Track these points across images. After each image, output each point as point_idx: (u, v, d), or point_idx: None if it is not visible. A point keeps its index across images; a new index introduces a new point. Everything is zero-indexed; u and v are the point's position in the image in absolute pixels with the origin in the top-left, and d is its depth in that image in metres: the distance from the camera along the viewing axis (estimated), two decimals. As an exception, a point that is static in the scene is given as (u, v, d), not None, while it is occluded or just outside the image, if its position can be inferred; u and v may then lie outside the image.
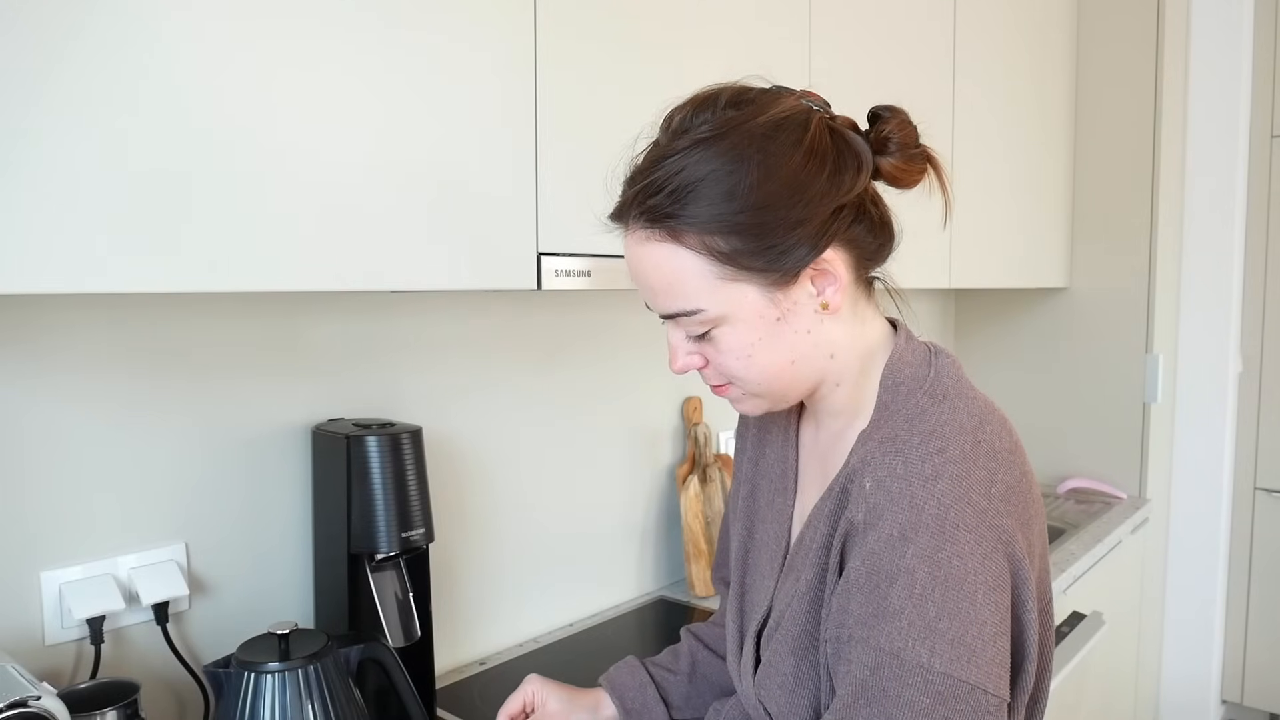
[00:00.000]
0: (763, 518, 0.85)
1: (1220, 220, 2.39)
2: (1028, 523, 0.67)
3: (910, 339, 0.77)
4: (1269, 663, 2.56)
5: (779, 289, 0.68)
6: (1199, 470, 2.46)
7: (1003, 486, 0.65)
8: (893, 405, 0.72)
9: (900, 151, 0.71)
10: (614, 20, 1.07)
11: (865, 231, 0.71)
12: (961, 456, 0.65)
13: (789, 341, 0.70)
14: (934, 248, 1.78)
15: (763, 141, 0.66)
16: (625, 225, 0.71)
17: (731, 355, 0.71)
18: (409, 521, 1.06)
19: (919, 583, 0.62)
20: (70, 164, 0.65)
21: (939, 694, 0.60)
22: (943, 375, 0.73)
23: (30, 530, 0.93)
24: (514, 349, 1.41)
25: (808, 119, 0.68)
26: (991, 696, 0.61)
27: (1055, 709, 1.63)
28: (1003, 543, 0.64)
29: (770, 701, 0.75)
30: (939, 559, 0.62)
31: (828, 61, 1.43)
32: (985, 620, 0.62)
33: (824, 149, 0.67)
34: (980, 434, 0.67)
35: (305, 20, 0.78)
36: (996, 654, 0.62)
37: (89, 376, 0.96)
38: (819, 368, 0.73)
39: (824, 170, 0.67)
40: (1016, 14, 2.04)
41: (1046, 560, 0.72)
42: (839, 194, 0.68)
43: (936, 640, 0.61)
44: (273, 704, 0.87)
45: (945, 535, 0.62)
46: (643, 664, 0.97)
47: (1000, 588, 0.63)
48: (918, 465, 0.65)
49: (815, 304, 0.70)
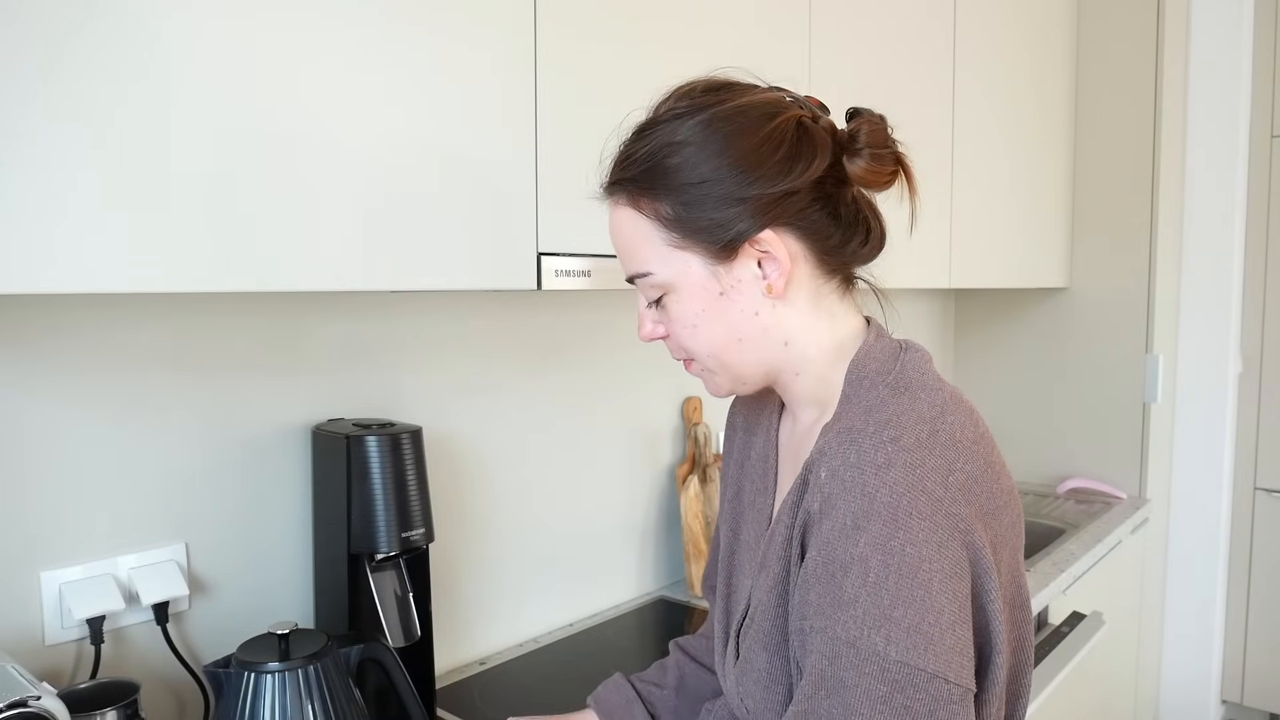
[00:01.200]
0: (746, 518, 0.85)
1: (1220, 220, 2.39)
2: (993, 513, 0.67)
3: (881, 335, 0.78)
4: (1269, 663, 2.56)
5: (720, 263, 0.72)
6: (1199, 470, 2.46)
7: (963, 475, 0.65)
8: (854, 397, 0.72)
9: (868, 150, 0.72)
10: (614, 21, 1.07)
11: (824, 222, 0.73)
12: (916, 445, 0.65)
13: (733, 319, 0.74)
14: (934, 248, 1.78)
15: (724, 123, 0.70)
16: (607, 197, 0.77)
17: (679, 324, 0.75)
18: (409, 521, 1.06)
19: (872, 571, 0.62)
20: (70, 164, 0.65)
21: (896, 682, 0.60)
22: (907, 368, 0.73)
23: (30, 530, 0.93)
24: (514, 349, 1.41)
25: (777, 110, 0.72)
26: (953, 685, 0.61)
27: (1055, 709, 1.63)
28: (960, 531, 0.63)
29: (749, 698, 0.75)
30: (891, 546, 0.62)
31: (828, 61, 1.43)
32: (942, 608, 0.61)
33: (782, 137, 0.70)
34: (939, 424, 0.67)
35: (305, 15, 0.78)
36: (956, 642, 0.62)
37: (89, 376, 0.96)
38: (772, 354, 0.75)
39: (776, 154, 0.70)
40: (1016, 14, 2.04)
41: (1019, 555, 0.71)
42: (788, 178, 0.70)
43: (892, 628, 0.61)
44: (273, 704, 0.87)
45: (898, 523, 0.62)
46: (630, 681, 0.98)
47: (958, 576, 0.63)
48: (870, 454, 0.65)
49: (761, 286, 0.73)
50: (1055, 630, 1.77)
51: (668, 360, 1.69)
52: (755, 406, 0.90)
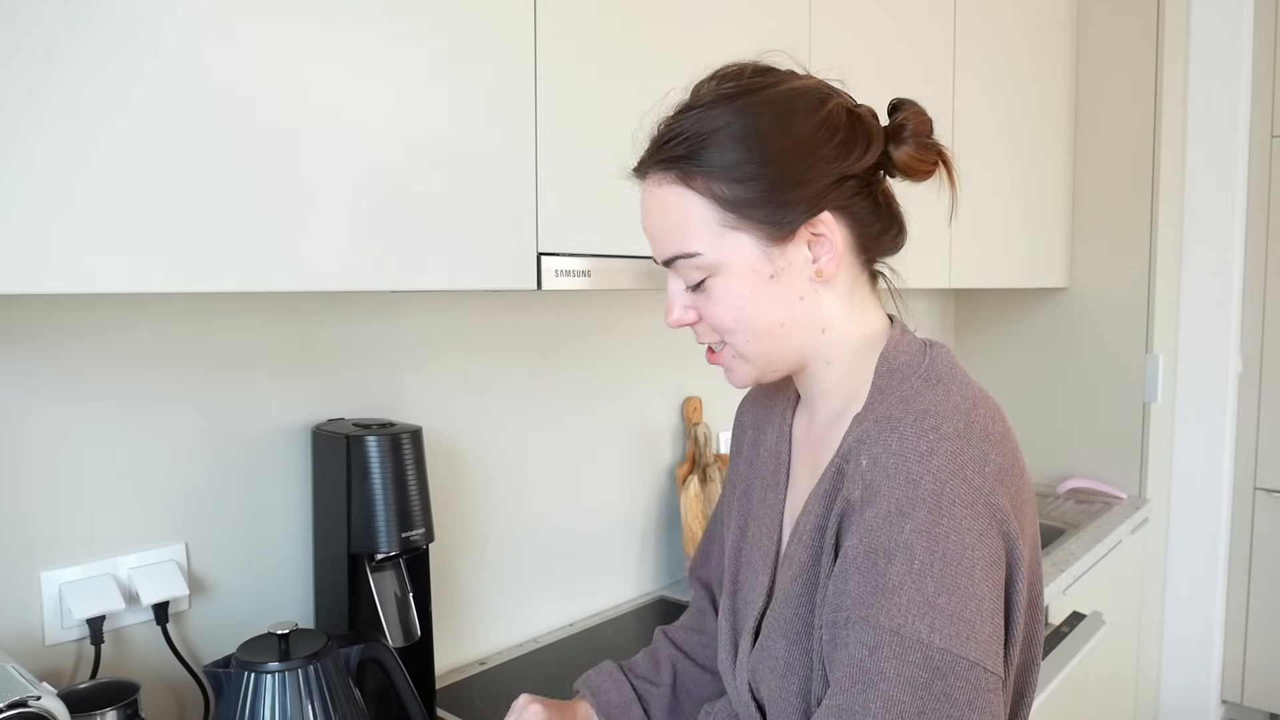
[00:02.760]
0: (756, 515, 0.85)
1: (1220, 220, 2.39)
2: (1020, 506, 0.67)
3: (906, 331, 0.79)
4: (1269, 663, 2.56)
5: (775, 245, 0.71)
6: (1199, 470, 2.46)
7: (995, 467, 0.65)
8: (887, 389, 0.72)
9: (914, 139, 0.74)
10: (613, 20, 1.07)
11: (868, 210, 0.74)
12: (955, 435, 0.65)
13: (781, 302, 0.73)
14: (934, 248, 1.78)
15: (780, 105, 0.71)
16: (644, 176, 0.75)
17: (723, 307, 0.73)
18: (409, 521, 1.06)
19: (917, 558, 0.61)
20: (70, 164, 0.65)
21: (938, 669, 0.60)
22: (936, 363, 0.74)
23: (30, 530, 0.93)
24: (514, 349, 1.41)
25: (827, 96, 0.73)
26: (989, 674, 0.61)
27: (1055, 709, 1.63)
28: (998, 520, 0.64)
29: (762, 686, 0.75)
30: (936, 534, 0.62)
31: (828, 60, 1.42)
32: (983, 596, 0.62)
33: (837, 122, 0.72)
34: (973, 415, 0.68)
35: (306, 15, 0.78)
36: (994, 631, 0.62)
37: (88, 377, 0.96)
38: (809, 340, 0.75)
39: (834, 139, 0.71)
40: (1016, 13, 2.04)
41: (1038, 551, 0.72)
42: (845, 163, 0.71)
43: (936, 616, 0.60)
44: (273, 704, 0.87)
45: (942, 510, 0.62)
46: (625, 676, 0.95)
47: (996, 564, 0.63)
48: (913, 441, 0.65)
49: (810, 270, 0.73)
50: (1055, 630, 1.77)
51: (668, 360, 1.69)
52: (764, 405, 0.90)
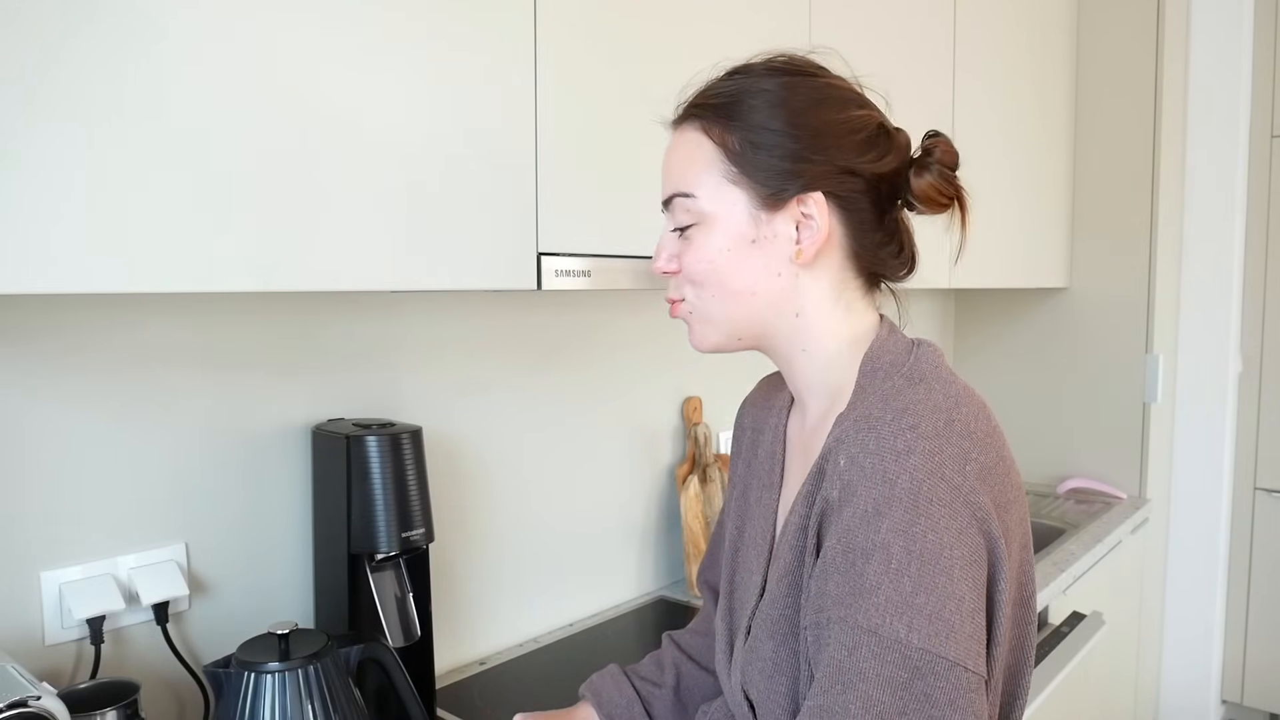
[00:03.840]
0: (752, 515, 0.85)
1: (1220, 220, 2.39)
2: (1005, 505, 0.67)
3: (894, 330, 0.79)
4: (1269, 663, 2.56)
5: (764, 210, 0.74)
6: (1199, 470, 2.46)
7: (977, 465, 0.65)
8: (869, 388, 0.72)
9: (938, 169, 0.76)
10: (614, 20, 1.07)
11: (869, 216, 0.76)
12: (934, 433, 0.65)
13: (756, 270, 0.75)
14: (934, 248, 1.77)
15: (817, 91, 0.75)
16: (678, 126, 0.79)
17: (701, 256, 0.76)
18: (409, 521, 1.06)
19: (894, 557, 0.61)
20: (69, 163, 0.65)
21: (917, 669, 0.60)
22: (921, 361, 0.74)
23: (30, 530, 0.93)
24: (514, 349, 1.41)
25: (866, 104, 0.77)
26: (970, 674, 0.61)
27: (1055, 709, 1.63)
28: (978, 519, 0.63)
29: (751, 688, 0.75)
30: (913, 533, 0.61)
31: (828, 60, 1.42)
32: (963, 596, 0.61)
33: (866, 124, 0.75)
34: (955, 414, 0.67)
35: (307, 15, 0.78)
36: (974, 630, 0.62)
37: (88, 376, 0.96)
38: (780, 320, 0.77)
39: (856, 135, 0.74)
40: (1016, 13, 2.04)
41: (1028, 552, 0.72)
42: (857, 159, 0.74)
43: (914, 615, 0.60)
44: (273, 704, 0.87)
45: (919, 509, 0.62)
46: (628, 677, 0.97)
47: (976, 563, 0.63)
48: (890, 440, 0.65)
49: (791, 249, 0.74)
50: (1055, 630, 1.77)
51: (668, 360, 1.69)
52: (763, 407, 0.91)
